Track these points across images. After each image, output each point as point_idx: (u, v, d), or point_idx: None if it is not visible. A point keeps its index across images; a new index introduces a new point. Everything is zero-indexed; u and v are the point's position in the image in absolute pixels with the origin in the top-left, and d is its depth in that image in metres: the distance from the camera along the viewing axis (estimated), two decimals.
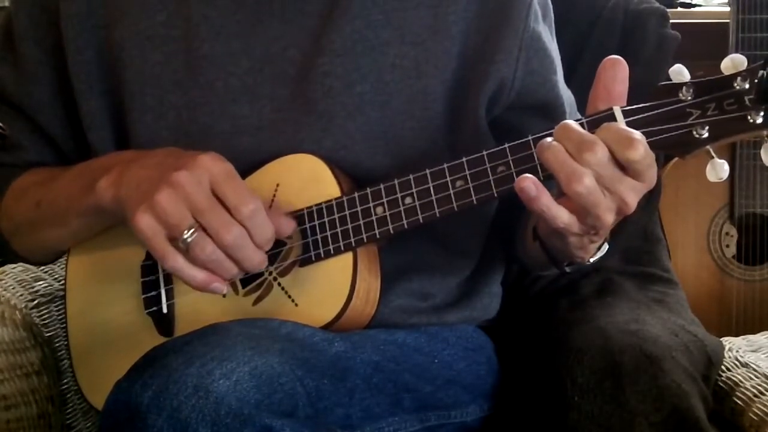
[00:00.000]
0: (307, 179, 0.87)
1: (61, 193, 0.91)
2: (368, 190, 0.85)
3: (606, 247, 0.87)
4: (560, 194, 0.75)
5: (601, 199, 0.73)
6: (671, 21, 1.27)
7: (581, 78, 1.20)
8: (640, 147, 0.71)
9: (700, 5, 1.88)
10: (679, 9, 1.84)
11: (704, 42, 1.43)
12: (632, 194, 0.74)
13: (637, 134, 0.71)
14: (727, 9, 1.55)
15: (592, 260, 0.86)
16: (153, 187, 0.78)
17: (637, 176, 0.73)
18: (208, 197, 0.78)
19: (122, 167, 0.84)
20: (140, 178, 0.81)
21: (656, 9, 1.27)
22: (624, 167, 0.72)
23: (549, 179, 0.76)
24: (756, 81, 0.72)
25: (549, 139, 0.74)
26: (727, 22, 1.51)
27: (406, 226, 0.83)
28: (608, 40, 1.26)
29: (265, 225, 0.80)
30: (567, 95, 0.97)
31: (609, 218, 0.74)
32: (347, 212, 0.85)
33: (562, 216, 0.75)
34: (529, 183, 0.73)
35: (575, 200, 0.73)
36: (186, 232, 0.77)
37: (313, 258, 0.86)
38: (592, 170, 0.71)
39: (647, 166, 0.72)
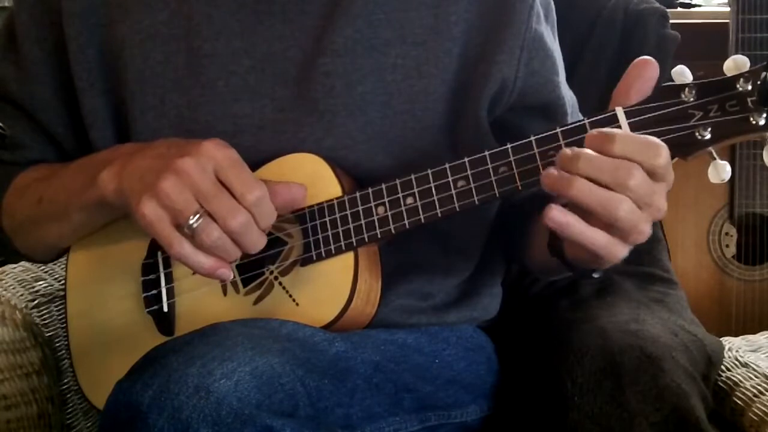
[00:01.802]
0: (308, 178, 0.87)
1: (62, 188, 0.91)
2: (369, 190, 0.85)
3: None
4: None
5: (640, 216, 0.72)
6: (671, 21, 1.27)
7: (581, 78, 1.20)
8: (664, 151, 0.71)
9: (700, 5, 1.88)
10: (679, 9, 1.84)
11: (704, 42, 1.43)
12: (663, 198, 0.74)
13: (655, 140, 0.71)
14: (727, 9, 1.55)
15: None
16: (156, 176, 0.78)
17: (665, 179, 0.73)
18: (213, 183, 0.78)
19: (124, 159, 0.84)
20: (143, 169, 0.81)
21: (656, 9, 1.27)
22: (653, 175, 0.72)
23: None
24: (759, 83, 0.72)
25: (565, 174, 0.72)
26: (727, 22, 1.51)
27: (407, 226, 0.83)
28: (608, 40, 1.26)
29: (270, 211, 0.80)
30: (569, 96, 0.97)
31: (649, 229, 0.74)
32: (348, 212, 0.85)
33: (598, 239, 0.73)
34: (554, 213, 0.72)
35: (618, 226, 0.72)
36: (192, 217, 0.77)
37: (314, 257, 0.86)
38: (632, 194, 0.71)
39: (671, 169, 0.73)
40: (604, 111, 0.76)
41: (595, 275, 0.89)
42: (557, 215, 0.72)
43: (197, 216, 0.77)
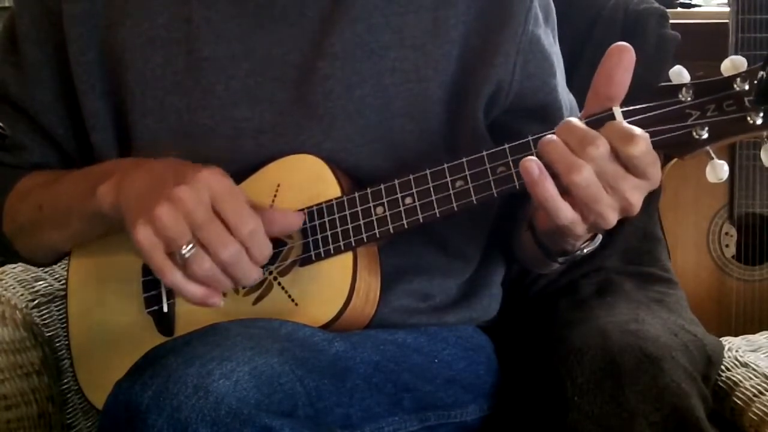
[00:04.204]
0: (307, 179, 0.88)
1: (62, 196, 0.91)
2: (368, 190, 0.85)
3: (599, 237, 0.86)
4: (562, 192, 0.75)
5: (602, 195, 0.73)
6: (671, 21, 1.27)
7: (581, 78, 1.20)
8: (640, 143, 0.71)
9: (700, 5, 1.88)
10: (679, 9, 1.84)
11: (704, 42, 1.43)
12: (636, 193, 0.74)
13: (638, 130, 0.72)
14: (727, 9, 1.55)
15: (585, 250, 0.86)
16: (153, 201, 0.77)
17: (640, 174, 0.73)
18: (207, 213, 0.77)
19: (122, 174, 0.84)
20: (140, 189, 0.81)
21: (656, 9, 1.27)
22: (626, 165, 0.73)
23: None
24: (755, 82, 0.72)
25: (551, 135, 0.74)
26: (727, 22, 1.51)
27: (406, 226, 0.84)
28: (608, 40, 1.25)
29: (263, 243, 0.80)
30: (567, 99, 0.97)
31: (612, 217, 0.75)
32: (347, 212, 0.85)
33: (565, 211, 0.74)
34: (532, 164, 0.73)
35: (575, 192, 0.73)
36: (184, 247, 0.77)
37: (313, 257, 0.86)
38: (593, 164, 0.72)
39: (649, 164, 0.73)
40: (601, 111, 0.76)
41: (560, 260, 0.89)
42: (532, 165, 0.73)
43: (190, 246, 0.77)
